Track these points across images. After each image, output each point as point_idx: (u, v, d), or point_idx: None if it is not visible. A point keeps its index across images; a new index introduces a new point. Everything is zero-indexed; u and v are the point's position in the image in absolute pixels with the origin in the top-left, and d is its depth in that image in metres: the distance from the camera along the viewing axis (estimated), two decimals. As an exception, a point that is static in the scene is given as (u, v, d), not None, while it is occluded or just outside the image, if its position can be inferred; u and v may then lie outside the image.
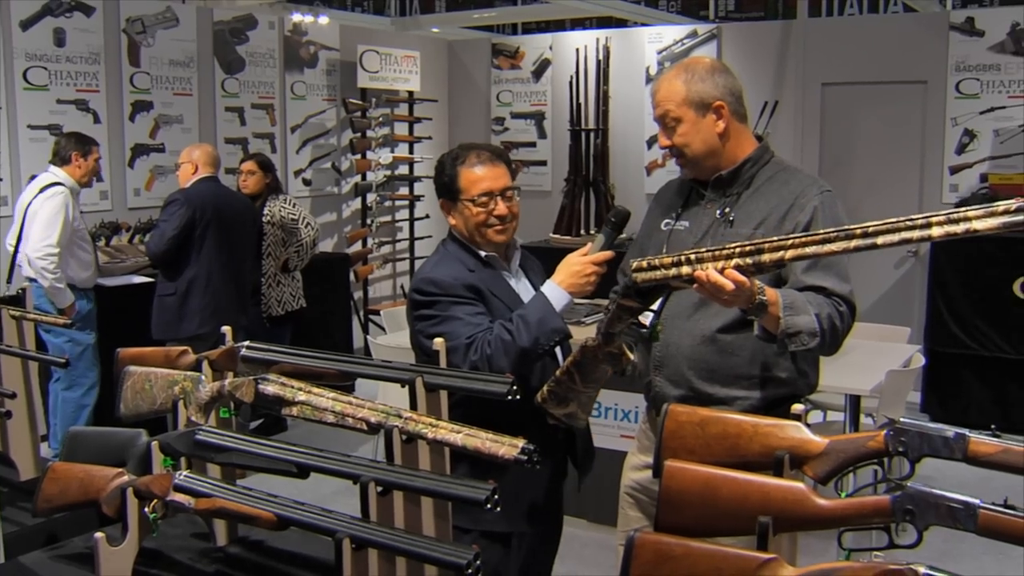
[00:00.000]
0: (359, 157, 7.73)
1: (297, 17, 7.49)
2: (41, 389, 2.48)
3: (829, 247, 1.62)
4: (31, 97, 5.80)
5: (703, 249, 1.83)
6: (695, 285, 1.85)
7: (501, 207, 2.40)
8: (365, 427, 1.68)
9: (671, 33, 7.69)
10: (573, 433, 2.51)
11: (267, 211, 5.79)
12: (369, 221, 7.95)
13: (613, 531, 2.69)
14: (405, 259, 8.37)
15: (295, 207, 5.93)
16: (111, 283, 5.48)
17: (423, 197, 8.13)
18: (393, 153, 8.06)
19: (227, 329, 2.11)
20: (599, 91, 7.73)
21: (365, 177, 7.86)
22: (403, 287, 8.36)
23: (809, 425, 1.55)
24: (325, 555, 1.71)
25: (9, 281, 5.06)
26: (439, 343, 2.06)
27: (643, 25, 7.97)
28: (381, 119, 7.86)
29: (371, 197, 7.91)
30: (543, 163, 8.36)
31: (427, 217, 8.18)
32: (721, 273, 1.80)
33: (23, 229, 4.81)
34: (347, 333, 7.21)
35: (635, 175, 7.77)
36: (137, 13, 6.36)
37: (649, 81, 7.50)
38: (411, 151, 8.18)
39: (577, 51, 7.78)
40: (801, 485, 1.42)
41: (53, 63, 5.90)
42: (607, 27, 8.20)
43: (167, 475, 1.72)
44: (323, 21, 7.68)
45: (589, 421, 2.55)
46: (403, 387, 1.81)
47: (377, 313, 7.30)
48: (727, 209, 2.35)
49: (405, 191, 8.21)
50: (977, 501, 1.30)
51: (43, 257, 4.69)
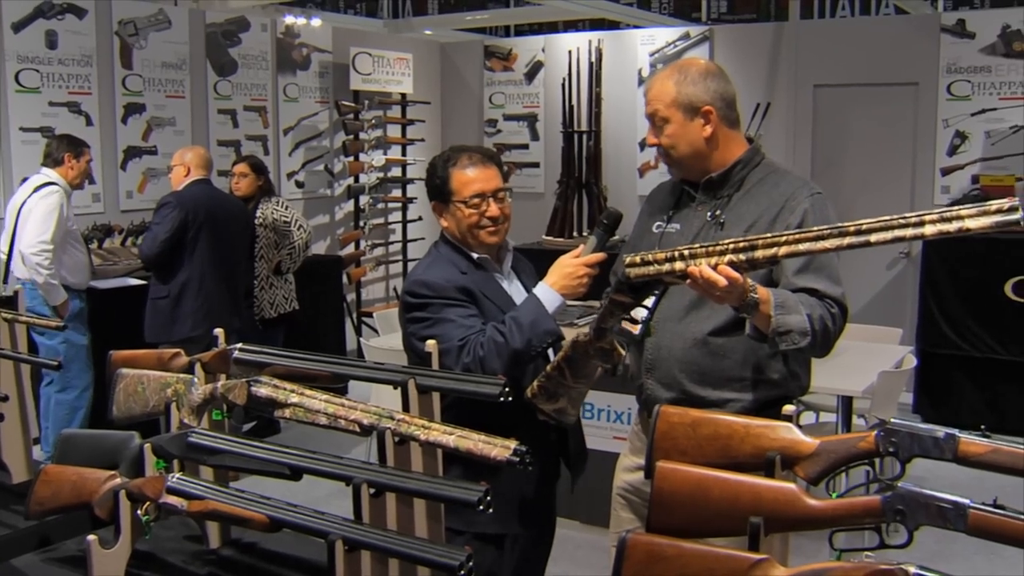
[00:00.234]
0: (352, 159, 7.73)
1: (290, 19, 7.50)
2: (33, 392, 2.47)
3: (823, 244, 1.63)
4: (23, 99, 5.79)
5: (697, 245, 1.84)
6: (688, 281, 1.86)
7: (493, 208, 2.41)
8: (358, 429, 1.68)
9: (663, 35, 7.70)
10: (566, 434, 2.51)
11: (260, 213, 5.78)
12: (362, 223, 7.94)
13: (606, 532, 2.69)
14: (398, 261, 8.37)
15: (288, 209, 5.92)
16: (104, 286, 5.47)
17: (416, 199, 8.12)
18: (386, 155, 8.06)
19: (220, 331, 2.10)
20: (592, 93, 7.73)
21: (358, 179, 7.86)
22: (396, 289, 8.36)
23: (801, 426, 1.55)
24: (318, 557, 1.71)
25: (5, 282, 5.05)
26: (431, 345, 2.06)
27: (635, 27, 7.99)
28: (374, 121, 7.86)
29: (364, 199, 7.91)
30: (536, 165, 8.36)
31: (420, 219, 8.18)
32: (714, 269, 1.81)
33: (16, 230, 4.81)
34: (340, 335, 7.21)
35: (628, 177, 7.78)
36: (129, 15, 6.35)
37: (642, 83, 7.49)
38: (404, 153, 8.18)
39: (570, 53, 7.78)
40: (792, 486, 1.42)
41: (45, 65, 5.89)
42: (599, 29, 8.21)
43: (160, 477, 1.71)
44: (316, 23, 7.68)
45: (581, 422, 2.56)
46: (396, 389, 1.81)
47: (370, 315, 7.29)
48: (718, 211, 2.35)
49: (398, 193, 8.20)
50: (967, 501, 1.30)
51: (38, 253, 4.69)
